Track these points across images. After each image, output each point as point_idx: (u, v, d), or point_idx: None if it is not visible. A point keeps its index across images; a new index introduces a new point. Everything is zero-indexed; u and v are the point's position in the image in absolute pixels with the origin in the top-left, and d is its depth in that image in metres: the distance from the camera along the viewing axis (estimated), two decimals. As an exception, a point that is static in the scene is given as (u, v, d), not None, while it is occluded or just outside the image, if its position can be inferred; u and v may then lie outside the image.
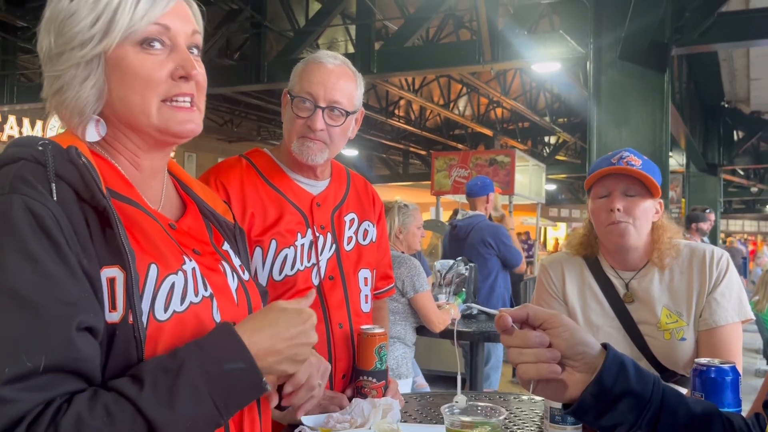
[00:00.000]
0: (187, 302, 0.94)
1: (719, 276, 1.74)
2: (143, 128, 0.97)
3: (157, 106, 0.96)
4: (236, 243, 1.17)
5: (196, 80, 0.99)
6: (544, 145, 17.46)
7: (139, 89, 0.94)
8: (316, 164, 1.65)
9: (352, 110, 1.64)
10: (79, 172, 0.88)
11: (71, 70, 0.93)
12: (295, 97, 1.62)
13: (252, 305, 1.09)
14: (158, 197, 1.04)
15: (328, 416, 1.48)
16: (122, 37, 0.93)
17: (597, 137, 5.53)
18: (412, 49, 7.35)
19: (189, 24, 1.00)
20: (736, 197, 24.36)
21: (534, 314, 0.91)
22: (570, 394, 0.90)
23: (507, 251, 4.60)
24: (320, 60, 1.63)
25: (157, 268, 0.92)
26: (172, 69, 0.96)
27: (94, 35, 0.92)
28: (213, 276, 1.02)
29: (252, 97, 11.00)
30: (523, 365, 0.89)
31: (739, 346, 1.73)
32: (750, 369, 7.10)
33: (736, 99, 11.58)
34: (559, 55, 6.39)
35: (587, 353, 0.90)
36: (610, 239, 1.78)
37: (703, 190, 12.95)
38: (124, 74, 0.94)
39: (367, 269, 1.78)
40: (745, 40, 5.99)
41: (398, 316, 3.44)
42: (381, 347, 1.61)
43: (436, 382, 5.76)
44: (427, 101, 11.59)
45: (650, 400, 0.88)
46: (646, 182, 1.71)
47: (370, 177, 17.34)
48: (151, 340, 0.88)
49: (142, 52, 0.94)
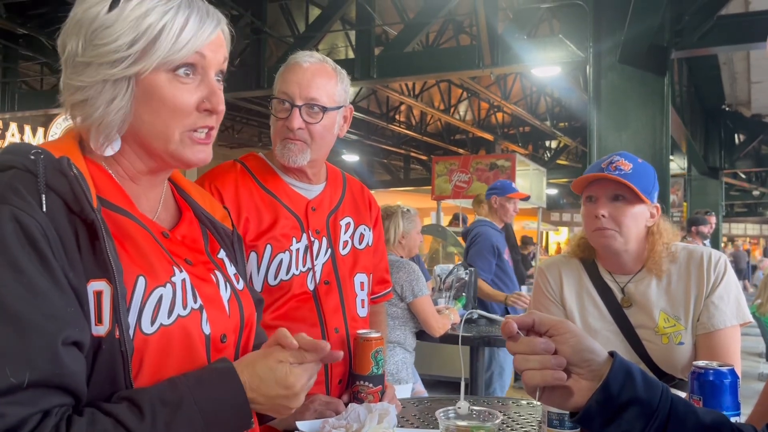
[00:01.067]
0: (174, 315, 0.93)
1: (717, 279, 1.72)
2: (157, 152, 0.96)
3: (179, 136, 0.95)
4: (233, 251, 1.15)
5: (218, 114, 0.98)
6: (545, 149, 17.47)
7: (164, 116, 0.93)
8: (300, 166, 1.63)
9: (332, 106, 1.61)
10: (70, 183, 0.87)
11: (98, 86, 0.91)
12: (273, 99, 1.62)
13: (245, 316, 1.08)
14: (155, 206, 1.03)
15: (324, 421, 1.47)
16: (159, 64, 0.91)
17: (597, 141, 5.52)
18: (412, 54, 7.36)
19: (222, 52, 0.98)
20: (738, 200, 24.32)
21: (540, 321, 0.90)
22: (575, 402, 0.89)
23: (469, 260, 4.43)
24: (296, 60, 1.62)
25: (145, 281, 0.91)
26: (199, 99, 0.95)
27: (129, 56, 0.89)
28: (204, 287, 1.00)
29: (253, 103, 11.01)
30: (529, 372, 0.88)
31: (737, 350, 1.71)
32: (753, 373, 7.07)
33: (736, 102, 11.57)
34: (559, 59, 6.40)
35: (593, 360, 0.88)
36: (596, 244, 1.78)
37: (705, 193, 12.94)
38: (153, 100, 0.93)
39: (364, 273, 1.77)
40: (745, 43, 5.99)
41: (397, 321, 3.43)
42: (377, 352, 1.60)
43: (437, 387, 5.74)
44: (427, 106, 11.60)
45: (657, 409, 0.86)
46: (631, 189, 1.69)
47: (372, 182, 17.36)
48: (138, 354, 0.88)
49: (175, 81, 0.93)
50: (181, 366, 0.93)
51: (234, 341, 1.04)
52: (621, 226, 1.71)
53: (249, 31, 7.76)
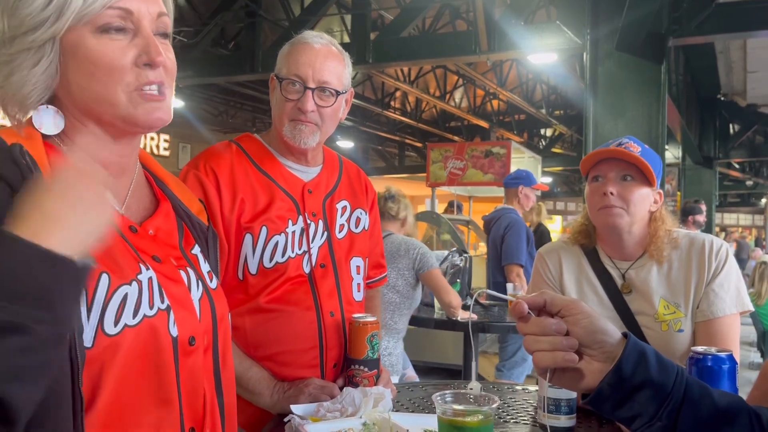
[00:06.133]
0: (140, 315, 0.88)
1: (718, 266, 1.71)
2: (106, 118, 0.92)
3: (126, 96, 0.90)
4: (207, 247, 1.11)
5: (164, 66, 0.92)
6: (540, 137, 17.44)
7: (101, 78, 0.89)
8: (308, 147, 1.62)
9: (342, 90, 1.62)
10: (22, 173, 0.82)
11: (22, 55, 0.87)
12: (283, 79, 1.59)
13: (217, 316, 1.03)
14: (122, 195, 0.98)
15: (319, 405, 1.46)
16: (76, 20, 0.87)
17: (593, 128, 5.51)
18: (408, 39, 7.30)
19: (154, 6, 0.93)
20: (732, 191, 24.41)
21: (551, 301, 0.88)
22: (587, 384, 0.86)
23: (505, 247, 4.49)
24: (306, 41, 1.60)
25: (108, 278, 0.86)
26: (135, 55, 0.90)
27: (47, 18, 0.86)
28: (172, 286, 0.96)
29: (247, 87, 10.93)
30: (539, 353, 0.86)
31: (736, 338, 1.71)
32: (744, 362, 7.12)
33: (732, 92, 11.55)
34: (556, 46, 6.36)
35: (606, 342, 0.86)
36: (601, 223, 1.76)
37: (699, 182, 12.95)
38: (82, 62, 0.88)
39: (360, 257, 1.75)
40: (743, 31, 5.97)
41: (392, 306, 3.44)
42: (373, 336, 1.59)
43: (430, 373, 5.75)
44: (423, 93, 11.55)
45: (672, 392, 0.83)
46: (642, 168, 1.69)
47: (366, 169, 17.22)
48: (99, 357, 0.83)
49: (102, 38, 0.88)
50: (147, 370, 0.89)
51: (205, 344, 0.99)
52: (629, 204, 1.70)
53: (244, 15, 7.68)
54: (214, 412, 1.01)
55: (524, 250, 4.42)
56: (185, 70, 7.61)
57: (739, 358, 1.42)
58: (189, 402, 0.95)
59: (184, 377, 0.94)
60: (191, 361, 0.96)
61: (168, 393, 0.92)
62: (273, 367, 1.58)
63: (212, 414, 1.00)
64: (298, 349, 1.60)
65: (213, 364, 1.02)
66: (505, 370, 4.56)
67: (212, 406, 1.00)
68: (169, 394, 0.92)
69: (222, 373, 1.04)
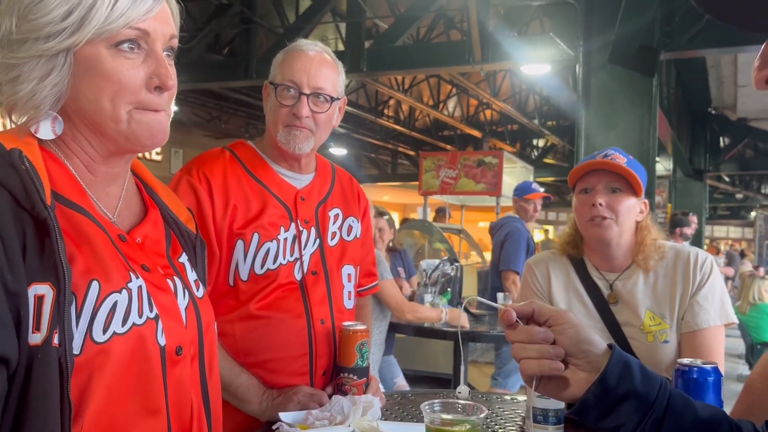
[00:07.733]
0: (129, 323, 0.88)
1: (703, 279, 1.74)
2: (109, 133, 0.92)
3: (128, 114, 0.91)
4: (195, 255, 1.11)
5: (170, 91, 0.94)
6: (532, 147, 17.50)
7: (111, 94, 0.89)
8: (303, 153, 1.63)
9: (336, 96, 1.64)
10: (21, 178, 0.82)
11: (31, 62, 0.87)
12: (278, 86, 1.61)
13: (203, 324, 1.03)
14: (114, 203, 0.99)
15: (308, 413, 1.46)
16: (94, 35, 0.87)
17: (585, 140, 5.55)
18: (402, 48, 7.34)
19: (168, 27, 0.95)
20: (722, 203, 24.55)
21: (539, 310, 0.90)
22: (572, 393, 0.88)
23: (503, 253, 4.57)
24: (301, 48, 1.63)
25: (99, 285, 0.86)
26: (146, 76, 0.91)
27: (64, 29, 0.85)
28: (160, 295, 0.95)
29: (241, 93, 10.92)
30: (526, 361, 0.88)
31: (721, 349, 1.72)
32: (732, 374, 7.14)
33: (723, 105, 11.65)
34: (549, 58, 6.41)
35: (591, 352, 0.88)
36: (591, 234, 1.78)
37: (689, 195, 13.04)
38: (95, 76, 0.89)
39: (351, 265, 1.76)
40: (734, 46, 6.03)
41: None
42: (363, 344, 1.60)
43: (420, 382, 5.75)
44: (416, 101, 11.58)
45: (655, 403, 0.85)
46: (630, 178, 1.72)
47: (359, 176, 17.26)
48: (87, 364, 0.83)
49: (117, 55, 0.89)
50: (135, 378, 0.88)
51: (192, 353, 0.99)
52: (618, 215, 1.73)
53: (238, 21, 7.70)
54: (201, 421, 1.01)
55: (522, 258, 4.46)
56: (179, 75, 7.57)
57: (723, 370, 1.44)
58: (176, 412, 0.95)
59: (172, 387, 0.94)
60: (178, 371, 0.95)
61: (156, 402, 0.91)
62: (262, 374, 1.58)
63: (199, 423, 1.00)
64: (287, 357, 1.60)
65: (199, 373, 1.02)
66: (501, 378, 4.56)
67: (199, 416, 1.00)
68: (157, 403, 0.91)
69: (209, 383, 1.04)
